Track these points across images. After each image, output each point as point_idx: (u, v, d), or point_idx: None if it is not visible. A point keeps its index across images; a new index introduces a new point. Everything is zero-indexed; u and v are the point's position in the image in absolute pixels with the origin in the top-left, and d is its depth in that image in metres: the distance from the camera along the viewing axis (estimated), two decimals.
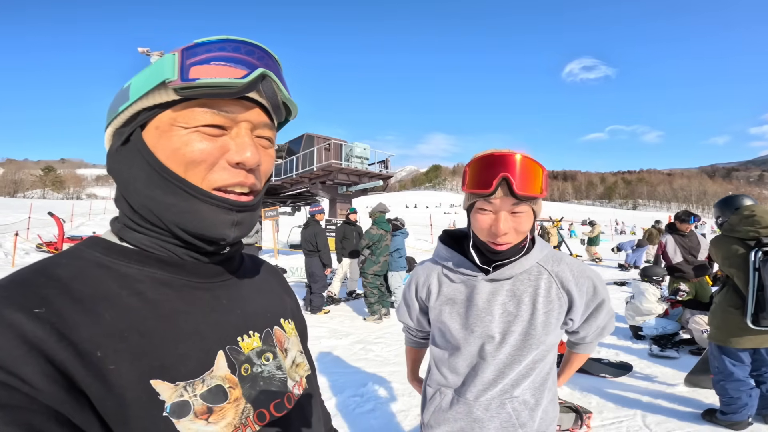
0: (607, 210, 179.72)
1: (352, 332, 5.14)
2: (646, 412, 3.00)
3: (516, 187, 0.89)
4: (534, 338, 1.00)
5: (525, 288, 1.03)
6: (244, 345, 0.53)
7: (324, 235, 6.44)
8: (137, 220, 0.49)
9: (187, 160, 0.46)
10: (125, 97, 0.48)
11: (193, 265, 0.51)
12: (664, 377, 3.69)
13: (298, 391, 0.60)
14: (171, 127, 0.46)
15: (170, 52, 0.46)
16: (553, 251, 1.09)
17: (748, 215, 2.55)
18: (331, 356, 4.22)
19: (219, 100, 0.47)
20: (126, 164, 0.49)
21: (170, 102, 0.46)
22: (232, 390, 0.48)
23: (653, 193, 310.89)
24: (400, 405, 3.06)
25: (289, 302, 0.71)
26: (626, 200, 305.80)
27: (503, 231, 0.93)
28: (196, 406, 0.44)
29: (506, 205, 0.93)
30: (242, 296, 0.57)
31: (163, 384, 0.42)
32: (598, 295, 1.08)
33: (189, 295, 0.49)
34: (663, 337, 4.60)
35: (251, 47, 0.48)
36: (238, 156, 0.48)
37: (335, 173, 14.06)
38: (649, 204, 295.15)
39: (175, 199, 0.47)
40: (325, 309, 6.30)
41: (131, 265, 0.47)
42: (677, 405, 3.12)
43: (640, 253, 11.86)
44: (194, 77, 0.44)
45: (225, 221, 0.48)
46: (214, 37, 0.46)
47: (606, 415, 2.96)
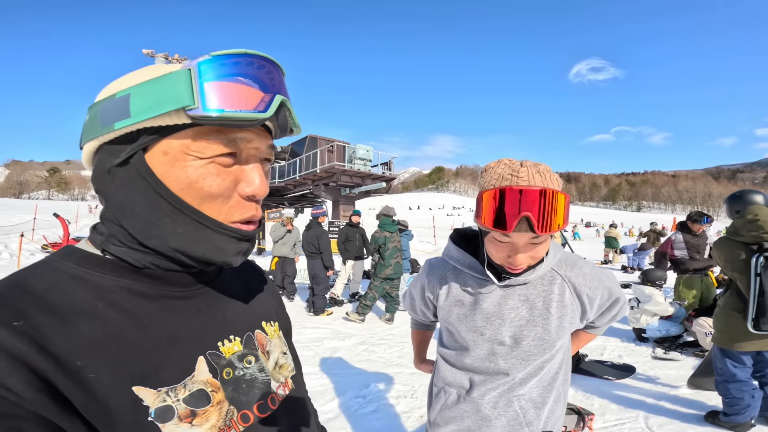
0: (610, 212, 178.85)
1: (355, 333, 5.15)
2: (648, 414, 2.99)
3: (538, 227, 0.82)
4: (548, 342, 1.01)
5: (538, 293, 1.02)
6: (225, 349, 0.54)
7: (326, 237, 6.46)
8: (126, 241, 0.48)
9: (204, 194, 0.46)
10: (124, 113, 0.44)
11: (171, 276, 0.51)
12: (667, 379, 3.68)
13: (283, 391, 0.61)
14: (184, 156, 0.45)
15: (183, 65, 0.43)
16: (566, 254, 1.08)
17: (752, 219, 2.53)
18: (334, 357, 4.23)
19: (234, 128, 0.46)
20: (123, 187, 0.46)
21: (180, 125, 0.44)
22: (214, 393, 0.49)
23: (658, 195, 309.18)
24: (403, 406, 3.06)
25: (271, 303, 0.71)
26: (630, 202, 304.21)
27: (520, 262, 0.91)
28: (179, 410, 0.45)
29: (525, 240, 0.88)
30: (222, 302, 0.58)
31: (145, 390, 0.43)
32: (612, 296, 1.11)
33: (167, 305, 0.50)
34: (666, 339, 4.59)
35: (263, 62, 0.47)
36: (250, 190, 0.49)
37: (338, 175, 14.07)
38: (654, 206, 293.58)
39: (186, 229, 0.47)
40: (327, 311, 6.31)
41: (106, 276, 0.47)
42: (680, 407, 3.11)
43: (643, 255, 11.81)
44: (215, 106, 0.42)
45: (234, 250, 0.50)
46: (228, 51, 0.44)
47: (608, 417, 2.95)
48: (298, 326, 5.47)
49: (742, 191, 2.83)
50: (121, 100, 0.44)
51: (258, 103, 0.45)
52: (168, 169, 0.45)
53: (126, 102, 0.44)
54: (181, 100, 0.42)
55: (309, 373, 3.76)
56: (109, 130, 0.45)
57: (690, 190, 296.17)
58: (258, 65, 0.46)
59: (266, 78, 0.47)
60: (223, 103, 0.43)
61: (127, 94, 0.44)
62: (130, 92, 0.44)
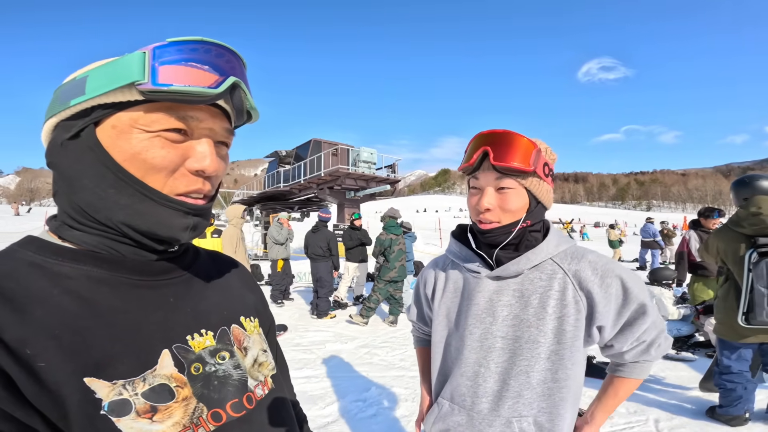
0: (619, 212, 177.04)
1: (358, 336, 5.09)
2: (659, 417, 2.89)
3: (492, 157, 0.86)
4: (543, 346, 0.88)
5: (534, 288, 0.91)
6: (195, 344, 0.52)
7: (335, 240, 6.45)
8: (78, 218, 0.48)
9: (147, 166, 0.46)
10: (80, 90, 0.46)
11: (134, 263, 0.50)
12: (678, 381, 3.57)
13: (261, 391, 0.58)
14: (131, 129, 0.46)
15: (140, 49, 0.45)
16: (574, 248, 0.95)
17: (756, 212, 2.46)
18: (336, 360, 4.17)
19: (185, 105, 0.47)
20: (73, 159, 0.47)
21: (131, 101, 0.45)
22: (179, 389, 0.47)
23: (668, 194, 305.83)
24: (403, 410, 2.99)
25: (252, 299, 0.69)
26: (640, 201, 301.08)
27: (485, 206, 0.89)
28: (137, 404, 0.43)
29: (490, 181, 0.90)
30: (194, 294, 0.56)
31: (98, 382, 0.41)
32: (631, 298, 0.88)
33: (128, 293, 0.48)
34: (678, 339, 4.46)
35: (222, 50, 0.48)
36: (198, 164, 0.49)
37: (342, 178, 14.07)
38: (664, 205, 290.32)
39: (130, 201, 0.47)
40: (331, 313, 6.26)
41: (64, 264, 0.46)
42: (693, 409, 3.01)
43: (652, 253, 11.60)
44: (165, 81, 0.44)
45: (181, 224, 0.49)
46: (186, 37, 0.46)
47: (616, 420, 2.85)
48: (301, 329, 5.44)
49: (750, 176, 2.67)
50: (80, 81, 0.46)
51: (211, 83, 0.46)
52: (114, 141, 0.46)
53: (83, 82, 0.46)
54: (131, 76, 0.44)
55: (310, 376, 3.70)
56: (65, 107, 0.46)
57: (700, 188, 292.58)
58: (216, 53, 0.48)
59: (225, 64, 0.48)
60: (173, 80, 0.44)
61: (85, 75, 0.46)
62: (88, 74, 0.46)
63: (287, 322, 5.73)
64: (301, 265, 9.87)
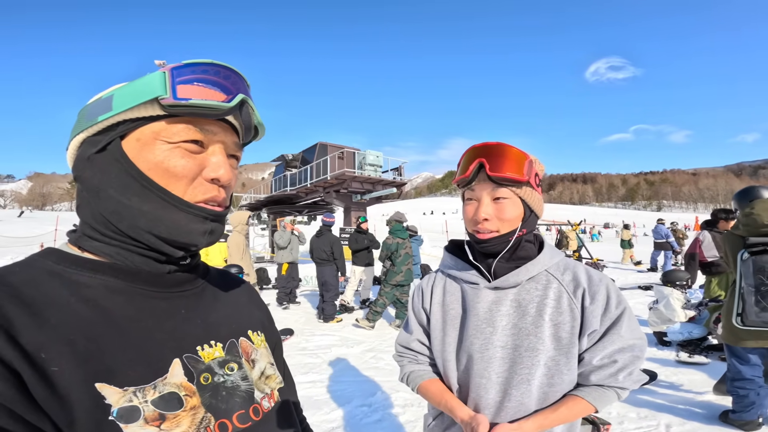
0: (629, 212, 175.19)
1: (364, 340, 5.07)
2: (670, 422, 2.82)
3: (488, 168, 0.89)
4: (541, 353, 0.90)
5: (531, 297, 0.94)
6: (205, 354, 0.54)
7: (339, 243, 6.45)
8: (100, 228, 0.51)
9: (170, 174, 0.50)
10: (107, 107, 0.50)
11: (150, 275, 0.52)
12: (691, 385, 3.49)
13: (268, 403, 0.59)
14: (154, 141, 0.50)
15: (159, 69, 0.50)
16: (565, 259, 1.01)
17: (748, 213, 2.52)
18: (341, 365, 4.16)
19: (201, 119, 0.52)
20: (99, 171, 0.50)
21: (154, 116, 0.50)
22: (188, 398, 0.49)
23: (678, 194, 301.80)
24: (409, 415, 2.96)
25: (258, 315, 0.71)
26: (650, 202, 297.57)
27: (482, 216, 0.91)
28: (146, 412, 0.44)
29: (486, 190, 0.92)
30: (204, 306, 0.58)
31: (109, 388, 0.42)
32: (610, 307, 0.91)
33: (143, 304, 0.50)
34: (690, 342, 4.37)
35: (229, 72, 0.53)
36: (214, 173, 0.53)
37: (349, 181, 14.08)
38: (675, 205, 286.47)
39: (152, 207, 0.50)
40: (337, 317, 6.25)
41: (83, 273, 0.48)
42: (705, 414, 2.94)
43: (665, 254, 11.42)
44: (184, 96, 0.49)
45: (200, 230, 0.52)
46: (199, 60, 0.52)
47: (627, 426, 2.79)
48: (307, 333, 5.44)
49: (750, 187, 2.81)
50: (106, 99, 0.51)
51: (223, 99, 0.51)
52: (139, 153, 0.50)
53: (110, 100, 0.50)
54: (155, 92, 0.49)
55: (315, 380, 3.69)
56: (92, 123, 0.50)
57: (711, 188, 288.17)
58: (224, 74, 0.53)
59: (230, 84, 0.53)
60: (191, 95, 0.49)
61: (111, 94, 0.51)
62: (114, 93, 0.51)
63: (294, 326, 5.73)
64: (308, 269, 9.89)
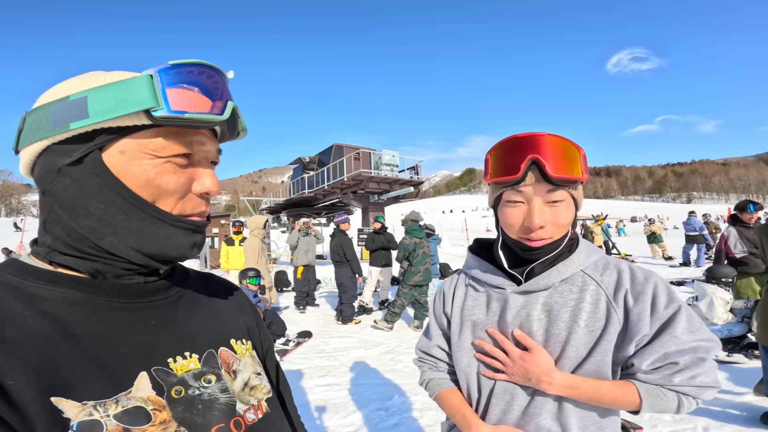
0: (658, 205, 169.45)
1: (383, 342, 5.00)
2: (708, 425, 2.66)
3: (549, 169, 0.75)
4: (571, 360, 0.80)
5: (565, 301, 0.83)
6: (177, 366, 0.52)
7: (350, 244, 6.40)
8: (75, 244, 0.48)
9: (161, 191, 0.48)
10: (81, 113, 0.44)
11: (113, 285, 0.50)
12: (729, 385, 3.29)
13: (253, 415, 0.57)
14: (141, 155, 0.47)
15: (145, 71, 0.46)
16: (605, 258, 0.89)
17: None
18: (360, 367, 4.10)
19: (190, 130, 0.50)
20: (76, 186, 0.47)
21: (139, 126, 0.46)
22: (157, 412, 0.47)
23: (708, 185, 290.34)
24: (427, 420, 2.87)
25: (244, 321, 0.69)
26: (679, 194, 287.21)
27: (539, 224, 0.78)
28: (109, 426, 0.43)
29: (540, 193, 0.79)
30: (178, 316, 0.56)
31: (66, 402, 0.41)
32: (658, 310, 0.78)
33: (106, 316, 0.48)
34: (729, 340, 4.11)
35: (212, 72, 0.50)
36: (203, 187, 0.52)
37: (365, 182, 14.06)
38: (705, 196, 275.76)
39: (142, 225, 0.48)
40: (356, 319, 6.21)
41: (42, 286, 0.46)
42: (745, 416, 2.75)
43: (697, 248, 10.93)
44: (179, 108, 0.45)
45: (189, 243, 0.52)
46: (185, 60, 0.48)
47: (660, 429, 2.63)
48: (326, 335, 5.41)
49: None
50: (78, 102, 0.45)
51: (212, 107, 0.49)
52: (125, 168, 0.47)
53: (83, 104, 0.44)
54: (145, 102, 0.44)
55: (332, 383, 3.64)
56: (63, 131, 0.45)
57: (742, 177, 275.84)
58: (207, 75, 0.49)
59: (213, 86, 0.50)
60: (186, 106, 0.46)
61: (83, 96, 0.45)
62: (87, 95, 0.45)
63: (312, 328, 5.72)
64: (328, 271, 9.91)
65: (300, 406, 3.14)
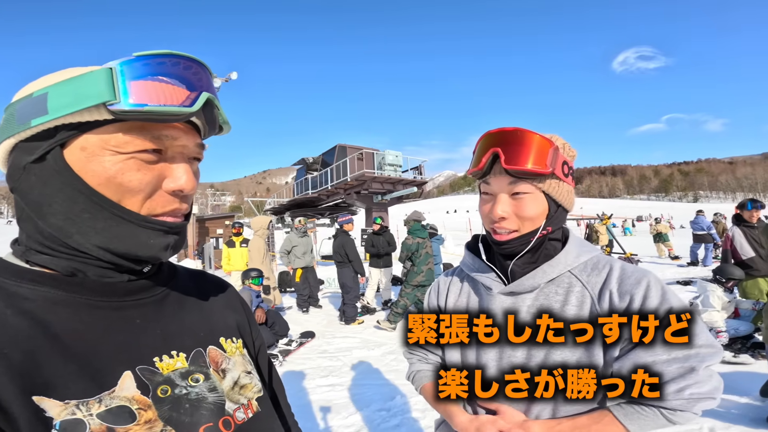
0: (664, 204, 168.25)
1: (385, 342, 4.99)
2: (714, 426, 2.63)
3: (503, 161, 0.76)
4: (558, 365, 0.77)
5: (551, 303, 0.81)
6: (163, 366, 0.51)
7: (352, 245, 6.41)
8: (47, 243, 0.47)
9: (124, 189, 0.46)
10: (41, 109, 0.44)
11: (96, 284, 0.49)
12: (736, 386, 3.24)
13: (243, 414, 0.56)
14: (102, 151, 0.45)
15: (105, 65, 0.44)
16: (597, 257, 0.85)
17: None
18: (362, 368, 4.10)
19: (158, 124, 0.46)
20: (39, 184, 0.46)
21: (100, 121, 0.44)
22: (142, 411, 0.46)
23: (715, 184, 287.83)
24: (428, 420, 2.86)
25: (234, 319, 0.67)
26: (685, 192, 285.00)
27: (499, 215, 0.80)
28: (92, 425, 0.42)
29: (503, 186, 0.80)
30: (165, 315, 0.55)
31: (48, 401, 0.41)
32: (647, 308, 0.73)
33: (89, 315, 0.47)
34: (735, 340, 4.07)
35: (189, 62, 0.48)
36: (175, 185, 0.49)
37: (369, 182, 14.07)
38: (712, 195, 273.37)
39: (107, 224, 0.46)
40: (359, 319, 6.21)
41: (22, 285, 0.46)
42: (753, 417, 2.72)
43: (705, 247, 10.82)
44: (139, 101, 0.43)
45: (161, 244, 0.49)
46: (154, 51, 0.45)
47: (662, 429, 2.60)
48: (329, 336, 5.43)
49: None
50: (39, 99, 0.44)
51: (184, 100, 0.46)
52: (85, 165, 0.45)
53: (43, 100, 0.44)
54: (101, 96, 0.42)
55: (335, 384, 3.64)
56: (25, 128, 0.44)
57: (749, 176, 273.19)
58: (184, 66, 0.47)
59: (193, 77, 0.47)
60: (147, 99, 0.43)
61: (44, 92, 0.44)
62: (48, 91, 0.44)
63: (315, 328, 5.72)
64: (331, 271, 9.91)
65: (302, 406, 3.15)
